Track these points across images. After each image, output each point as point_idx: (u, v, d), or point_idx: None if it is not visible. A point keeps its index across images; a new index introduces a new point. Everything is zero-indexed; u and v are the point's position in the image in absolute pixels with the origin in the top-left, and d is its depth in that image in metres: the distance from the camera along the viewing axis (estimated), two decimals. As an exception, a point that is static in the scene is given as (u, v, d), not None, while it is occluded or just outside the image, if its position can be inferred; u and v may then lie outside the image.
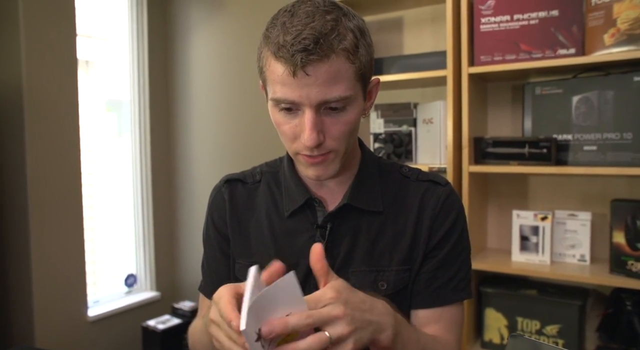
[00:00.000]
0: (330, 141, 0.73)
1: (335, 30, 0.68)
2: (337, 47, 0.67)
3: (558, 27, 1.53)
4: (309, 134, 0.69)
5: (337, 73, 0.68)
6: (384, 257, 0.81)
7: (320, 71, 0.67)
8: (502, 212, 1.85)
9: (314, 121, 0.70)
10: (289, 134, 0.74)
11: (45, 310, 2.22)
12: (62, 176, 2.28)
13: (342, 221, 0.82)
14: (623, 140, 1.49)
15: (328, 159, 0.75)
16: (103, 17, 2.61)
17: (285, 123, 0.73)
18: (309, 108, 0.69)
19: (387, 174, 0.87)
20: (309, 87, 0.67)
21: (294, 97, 0.69)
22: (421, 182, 0.85)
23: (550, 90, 1.63)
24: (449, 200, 0.83)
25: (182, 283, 2.88)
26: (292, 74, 0.67)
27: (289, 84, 0.68)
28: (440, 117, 1.78)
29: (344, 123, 0.72)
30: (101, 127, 2.60)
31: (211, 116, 2.69)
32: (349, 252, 0.81)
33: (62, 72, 2.27)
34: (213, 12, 2.64)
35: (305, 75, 0.67)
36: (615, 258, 1.51)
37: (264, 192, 0.89)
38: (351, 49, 0.69)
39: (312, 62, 0.66)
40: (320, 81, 0.67)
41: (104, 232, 2.63)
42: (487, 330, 1.72)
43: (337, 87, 0.68)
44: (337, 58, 0.68)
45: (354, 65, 0.70)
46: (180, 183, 2.86)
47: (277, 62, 0.69)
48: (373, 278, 0.80)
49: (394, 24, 2.05)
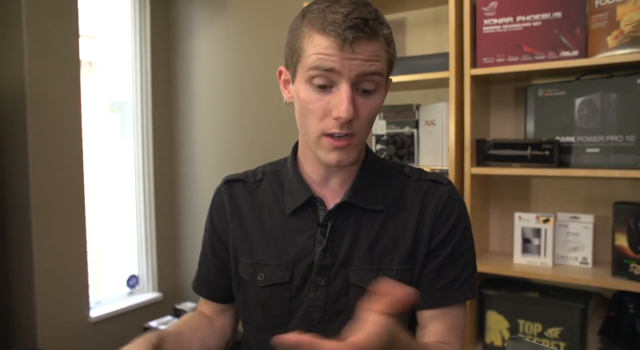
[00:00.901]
0: (358, 123, 0.75)
1: (379, 19, 0.74)
2: (381, 32, 0.73)
3: (561, 29, 1.53)
4: (346, 105, 0.71)
5: (376, 54, 0.73)
6: (385, 256, 0.81)
7: (365, 49, 0.71)
8: (504, 214, 1.85)
9: (350, 93, 0.72)
10: (319, 111, 0.74)
11: (47, 312, 2.23)
12: (64, 177, 2.29)
13: (343, 219, 0.83)
14: (626, 142, 1.48)
15: (351, 144, 0.76)
16: (106, 18, 2.62)
17: (317, 100, 0.74)
18: (346, 82, 0.72)
19: (389, 173, 0.88)
20: (351, 60, 0.71)
21: (335, 64, 0.71)
22: (423, 181, 0.86)
23: (553, 92, 1.62)
24: (450, 199, 0.84)
25: (184, 284, 2.88)
26: (339, 47, 0.70)
27: (331, 55, 0.71)
28: (443, 119, 1.77)
29: (372, 106, 0.76)
30: (104, 128, 2.61)
31: (214, 118, 2.69)
32: (350, 250, 0.82)
33: (64, 73, 2.28)
34: (215, 14, 2.64)
35: (352, 52, 0.71)
36: (618, 261, 1.50)
37: (266, 191, 0.90)
38: (389, 38, 0.76)
39: (360, 40, 0.71)
40: (362, 58, 0.71)
41: (107, 233, 2.64)
42: (488, 332, 1.71)
43: (375, 65, 0.73)
44: (379, 42, 0.73)
45: (388, 53, 0.76)
46: (182, 184, 2.86)
47: (324, 36, 0.71)
48: (374, 277, 0.80)
49: (397, 25, 2.05)
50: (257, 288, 0.85)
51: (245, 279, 0.87)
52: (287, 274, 0.83)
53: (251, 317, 0.88)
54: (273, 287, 0.84)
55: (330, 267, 0.81)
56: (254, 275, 0.85)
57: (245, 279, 0.87)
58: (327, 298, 0.81)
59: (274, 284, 0.84)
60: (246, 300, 0.88)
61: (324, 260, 0.81)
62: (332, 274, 0.81)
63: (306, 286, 0.82)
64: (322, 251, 0.81)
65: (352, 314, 0.78)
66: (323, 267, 0.82)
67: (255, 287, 0.85)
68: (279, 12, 2.39)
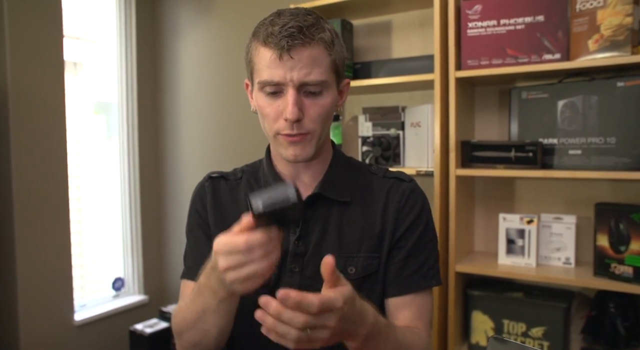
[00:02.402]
0: (308, 122, 0.82)
1: (315, 25, 0.80)
2: (317, 36, 0.80)
3: (544, 33, 1.55)
4: (291, 108, 0.79)
5: (316, 59, 0.80)
6: (352, 245, 0.89)
7: (303, 55, 0.78)
8: (489, 215, 1.87)
9: (295, 98, 0.80)
10: (272, 114, 0.83)
11: (30, 315, 2.20)
12: (48, 179, 2.26)
13: (314, 211, 0.90)
14: (607, 144, 1.51)
15: (305, 139, 0.83)
16: (91, 19, 2.60)
17: (269, 105, 0.82)
18: (291, 88, 0.79)
19: (356, 170, 0.96)
20: (292, 70, 0.78)
21: (280, 78, 0.79)
22: (387, 178, 0.94)
23: (536, 94, 1.65)
24: (413, 194, 0.92)
25: (170, 286, 2.86)
26: (278, 57, 0.78)
27: (275, 67, 0.79)
28: (428, 121, 1.79)
29: (321, 106, 0.82)
30: (89, 129, 2.58)
31: (199, 119, 2.68)
32: (320, 239, 0.89)
33: (48, 74, 2.25)
34: (201, 15, 2.63)
35: (290, 58, 0.78)
36: (599, 261, 1.53)
37: (245, 188, 0.96)
38: (328, 41, 0.82)
39: (296, 47, 0.78)
40: (302, 64, 0.78)
41: (92, 236, 2.61)
42: (473, 332, 1.73)
43: (315, 71, 0.79)
44: (317, 46, 0.80)
45: (330, 56, 0.82)
46: (168, 186, 2.84)
47: (266, 48, 0.80)
48: (343, 263, 0.87)
49: (383, 28, 2.06)
50: None
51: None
52: None
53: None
54: None
55: (303, 254, 0.88)
56: None
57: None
58: (301, 283, 0.87)
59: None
60: None
61: (298, 249, 0.88)
62: (305, 261, 0.88)
63: (282, 273, 0.88)
64: (296, 240, 0.88)
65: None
66: (297, 254, 0.88)
67: None
68: (265, 13, 2.36)
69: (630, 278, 1.45)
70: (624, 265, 1.46)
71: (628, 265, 1.46)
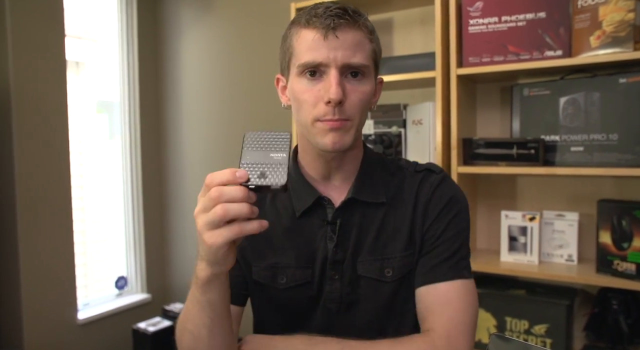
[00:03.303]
0: (349, 107, 0.79)
1: (358, 12, 0.80)
2: (361, 21, 0.79)
3: (545, 29, 1.55)
4: (335, 87, 0.76)
5: (360, 42, 0.79)
6: (388, 246, 0.86)
7: (348, 36, 0.77)
8: (491, 212, 1.86)
9: (339, 78, 0.77)
10: (311, 100, 0.79)
11: (34, 314, 2.21)
12: (51, 179, 2.27)
13: (350, 215, 0.87)
14: (609, 141, 1.50)
15: (345, 126, 0.80)
16: (93, 18, 2.60)
17: (308, 90, 0.79)
18: (334, 68, 0.77)
19: (387, 168, 0.92)
20: (336, 50, 0.77)
21: (323, 58, 0.77)
22: (418, 172, 0.91)
23: (538, 91, 1.64)
24: (441, 186, 0.88)
25: (173, 285, 2.87)
26: (323, 36, 0.77)
27: (318, 48, 0.77)
28: (430, 118, 1.78)
29: (362, 92, 0.80)
30: (92, 128, 2.59)
31: (201, 117, 2.69)
32: (357, 243, 0.86)
33: (50, 74, 2.26)
34: (203, 14, 2.63)
35: (335, 38, 0.77)
36: (602, 258, 1.52)
37: (274, 196, 0.93)
38: (370, 29, 0.82)
39: (342, 26, 0.77)
40: (346, 45, 0.77)
41: (95, 235, 2.62)
42: (476, 330, 1.73)
43: (359, 54, 0.78)
44: (361, 30, 0.79)
45: (371, 43, 0.81)
46: (170, 185, 2.85)
47: (309, 29, 0.78)
48: (379, 266, 0.85)
49: (384, 25, 2.06)
50: (278, 290, 0.88)
51: (263, 283, 0.89)
52: (308, 273, 0.87)
53: (269, 318, 0.92)
54: (297, 288, 0.87)
55: (342, 261, 0.86)
56: (274, 278, 0.88)
57: (263, 283, 0.89)
58: (341, 290, 0.86)
59: (298, 285, 0.87)
60: (263, 302, 0.91)
61: (337, 256, 0.86)
62: (344, 267, 0.86)
63: (322, 282, 0.87)
64: (334, 247, 0.86)
65: (364, 303, 0.86)
66: (336, 262, 0.86)
67: (277, 289, 0.88)
68: (266, 12, 2.39)
69: (633, 275, 1.44)
70: (627, 262, 1.46)
71: (631, 262, 1.45)
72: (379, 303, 0.86)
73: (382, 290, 0.85)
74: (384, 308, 0.86)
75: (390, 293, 0.86)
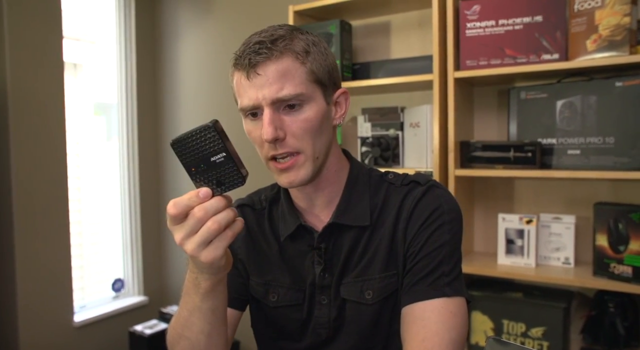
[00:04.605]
0: (292, 139, 0.76)
1: (283, 37, 0.75)
2: (284, 48, 0.74)
3: (542, 33, 1.55)
4: (266, 127, 0.73)
5: (286, 72, 0.74)
6: (369, 268, 0.83)
7: (269, 70, 0.73)
8: (488, 215, 1.86)
9: (270, 117, 0.74)
10: (257, 139, 0.78)
11: (30, 316, 2.20)
12: (48, 180, 2.27)
13: (335, 239, 0.85)
14: (605, 144, 1.51)
15: (297, 163, 0.77)
16: (91, 20, 2.60)
17: (254, 130, 0.78)
18: (266, 107, 0.74)
19: (376, 184, 0.87)
20: (262, 88, 0.73)
21: (252, 100, 0.74)
22: (404, 186, 0.85)
23: (535, 94, 1.65)
24: (424, 198, 0.82)
25: (170, 287, 2.86)
26: (247, 77, 0.74)
27: (247, 89, 0.75)
28: (427, 121, 1.79)
29: (303, 121, 0.76)
30: (89, 130, 2.58)
31: (199, 120, 2.68)
32: (344, 267, 0.84)
33: (48, 75, 2.25)
34: (201, 16, 2.64)
35: (257, 75, 0.73)
36: (598, 261, 1.52)
37: (270, 217, 0.92)
38: (300, 51, 0.75)
39: (261, 62, 0.73)
40: (271, 80, 0.73)
41: (92, 237, 2.61)
42: (473, 333, 1.73)
43: (288, 85, 0.74)
44: (285, 58, 0.74)
45: (304, 65, 0.75)
46: (167, 187, 2.84)
47: (237, 71, 0.77)
48: (359, 288, 0.83)
49: (381, 28, 2.07)
50: (269, 307, 0.88)
51: (256, 298, 0.90)
52: (300, 296, 0.87)
53: (263, 330, 0.93)
54: (286, 308, 0.87)
55: (329, 285, 0.85)
56: (266, 295, 0.88)
57: (256, 298, 0.90)
58: (329, 314, 0.85)
59: (288, 306, 0.87)
60: (258, 315, 0.92)
61: (324, 281, 0.85)
62: (332, 291, 0.84)
63: (312, 305, 0.86)
64: (321, 272, 0.84)
65: (348, 326, 0.84)
66: (324, 287, 0.85)
67: (268, 306, 0.88)
68: (264, 14, 2.39)
69: (629, 278, 1.45)
70: (623, 265, 1.46)
71: (627, 265, 1.46)
72: (362, 326, 0.83)
73: (365, 312, 0.82)
74: (368, 331, 0.83)
75: (372, 315, 0.82)
